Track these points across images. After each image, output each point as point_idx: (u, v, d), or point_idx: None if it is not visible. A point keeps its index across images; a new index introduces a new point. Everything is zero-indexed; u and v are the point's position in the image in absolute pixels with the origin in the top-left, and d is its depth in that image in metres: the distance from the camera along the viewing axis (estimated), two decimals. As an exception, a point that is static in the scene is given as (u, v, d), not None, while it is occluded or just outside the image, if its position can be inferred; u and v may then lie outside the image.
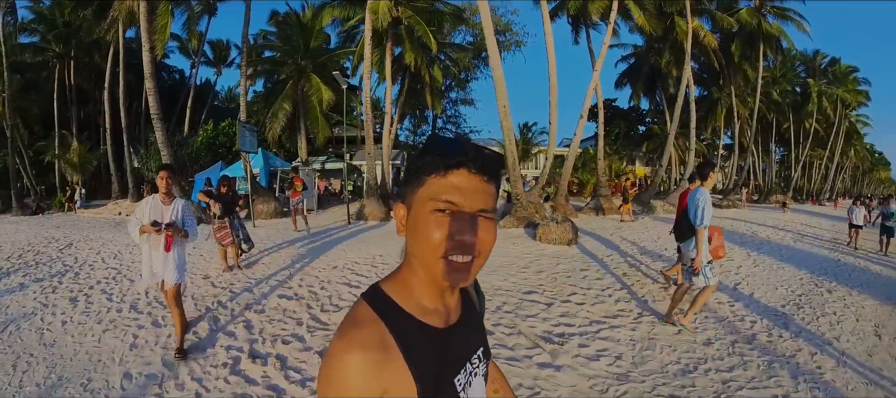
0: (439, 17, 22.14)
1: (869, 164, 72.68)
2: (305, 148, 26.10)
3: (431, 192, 0.75)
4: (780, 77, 38.26)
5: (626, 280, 7.80)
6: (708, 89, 34.87)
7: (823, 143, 45.06)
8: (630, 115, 38.07)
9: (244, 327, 5.23)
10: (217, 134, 26.46)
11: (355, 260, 8.81)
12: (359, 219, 15.73)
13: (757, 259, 10.73)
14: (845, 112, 44.30)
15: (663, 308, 6.44)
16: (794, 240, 14.08)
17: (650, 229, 14.31)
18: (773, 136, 42.51)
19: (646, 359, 4.97)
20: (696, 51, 26.39)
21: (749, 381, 4.62)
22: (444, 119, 36.82)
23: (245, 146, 15.61)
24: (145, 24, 15.40)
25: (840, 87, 41.57)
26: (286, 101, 24.50)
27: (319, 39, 26.01)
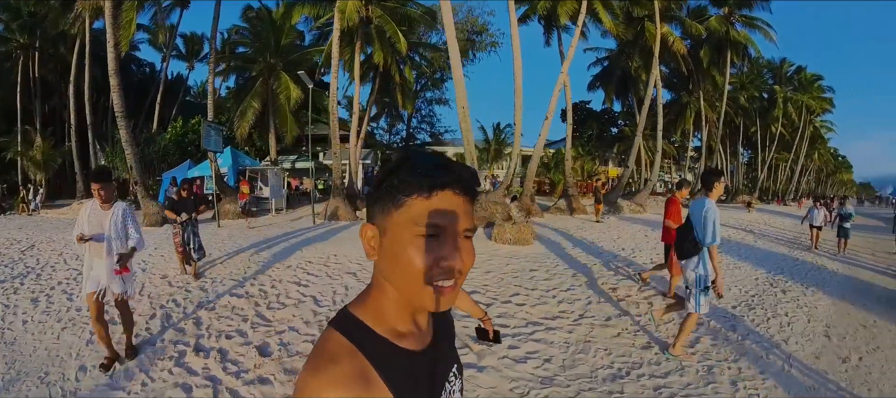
0: (411, 18, 21.61)
1: (832, 166, 75.48)
2: (275, 146, 25.31)
3: (413, 215, 0.69)
4: (748, 83, 39.33)
5: (575, 281, 7.42)
6: (678, 93, 35.52)
7: (789, 147, 46.82)
8: (602, 117, 38.11)
9: (194, 323, 5.24)
10: (187, 131, 25.15)
11: (309, 259, 8.51)
12: (331, 219, 15.09)
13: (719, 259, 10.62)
14: (810, 118, 45.92)
15: (609, 310, 6.11)
16: (754, 239, 14.02)
17: (614, 229, 14.09)
18: (740, 139, 43.59)
19: (576, 362, 4.63)
20: (666, 56, 26.57)
21: (683, 388, 4.27)
22: (418, 119, 36.23)
23: (210, 145, 14.92)
24: (110, 19, 14.59)
25: (805, 93, 43.26)
26: (256, 99, 23.73)
27: (291, 37, 25.25)
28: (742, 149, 47.90)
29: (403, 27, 20.57)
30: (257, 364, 4.25)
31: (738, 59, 30.29)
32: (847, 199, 14.15)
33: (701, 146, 37.07)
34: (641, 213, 20.09)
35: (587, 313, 5.99)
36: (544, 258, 8.93)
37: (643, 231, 13.79)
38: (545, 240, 11.20)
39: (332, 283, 6.89)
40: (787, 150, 47.22)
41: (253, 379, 4.02)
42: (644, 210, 21.19)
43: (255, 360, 4.31)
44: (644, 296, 6.75)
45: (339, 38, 17.05)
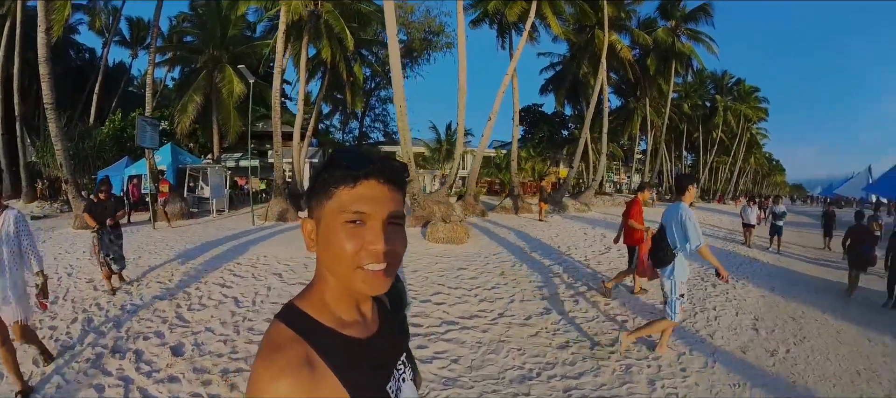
0: (363, 15, 20.75)
1: (767, 169, 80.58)
2: (218, 143, 23.62)
3: (341, 204, 0.73)
4: (692, 92, 41.59)
5: (502, 279, 7.00)
6: (626, 99, 36.28)
7: (728, 151, 49.85)
8: (554, 120, 38.29)
9: (114, 326, 5.01)
10: (126, 125, 22.73)
11: (239, 261, 7.97)
12: (280, 220, 14.10)
13: None
14: (747, 125, 48.93)
15: (531, 308, 5.69)
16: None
17: (556, 227, 13.89)
18: (684, 143, 45.80)
19: (485, 363, 4.27)
20: (614, 63, 26.97)
21: (596, 389, 3.96)
22: (371, 117, 35.04)
23: (145, 142, 13.66)
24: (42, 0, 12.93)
25: (744, 103, 46.08)
26: (198, 93, 22.08)
27: (239, 27, 23.65)
28: (685, 152, 50.72)
29: (354, 23, 19.82)
30: (169, 363, 4.12)
31: (682, 69, 31.45)
32: (780, 199, 14.49)
33: (647, 149, 38.03)
34: (586, 212, 20.09)
35: (507, 312, 5.58)
36: (476, 257, 8.52)
37: (583, 229, 13.67)
38: (483, 239, 10.84)
39: (255, 285, 6.45)
40: (726, 153, 50.37)
41: (163, 378, 3.90)
42: (589, 209, 21.24)
43: (168, 360, 4.17)
44: (570, 294, 6.45)
45: (284, 33, 16.13)
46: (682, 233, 3.99)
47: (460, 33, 15.38)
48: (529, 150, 32.43)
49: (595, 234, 12.34)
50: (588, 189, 24.72)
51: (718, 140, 45.52)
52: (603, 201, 26.23)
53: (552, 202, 19.40)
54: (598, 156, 25.38)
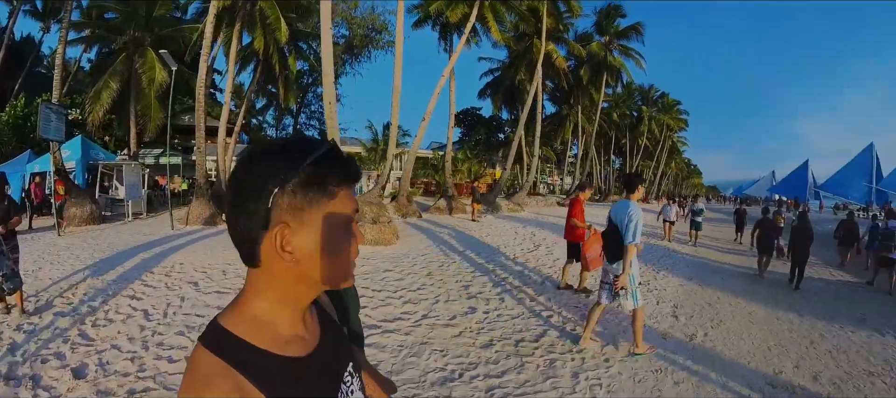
0: (302, 6, 19.56)
1: (686, 172, 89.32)
2: (136, 137, 20.96)
3: (345, 203, 0.69)
4: (621, 103, 44.54)
5: (429, 279, 6.75)
6: (560, 106, 37.71)
7: (652, 156, 53.92)
8: (491, 124, 38.72)
9: (8, 350, 4.36)
10: (30, 112, 19.56)
11: (152, 269, 7.12)
12: (207, 223, 12.78)
13: None
14: (669, 134, 53.68)
15: (455, 308, 5.47)
16: None
17: (488, 226, 13.89)
18: (612, 148, 48.90)
19: (406, 366, 4.04)
20: (550, 72, 28.05)
21: (519, 386, 3.84)
22: (307, 114, 33.40)
23: (49, 133, 11.63)
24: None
25: (667, 114, 50.49)
26: (115, 78, 19.14)
27: (166, 8, 21.09)
28: (614, 156, 54.28)
29: (293, 14, 18.72)
30: (70, 388, 3.67)
31: (612, 81, 33.48)
32: (698, 198, 15.46)
33: (578, 153, 39.51)
34: (519, 212, 20.25)
35: (431, 313, 5.34)
36: (403, 258, 8.21)
37: (514, 228, 13.74)
38: (413, 240, 10.52)
39: (168, 295, 5.75)
40: (650, 158, 54.35)
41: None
42: (522, 209, 21.45)
43: (69, 384, 3.71)
44: (497, 291, 6.29)
45: (215, 16, 14.64)
46: (626, 228, 4.10)
47: (399, 32, 15.01)
48: (466, 152, 32.60)
49: (525, 233, 12.41)
50: (521, 190, 25.12)
51: (643, 146, 48.89)
52: (536, 201, 26.75)
53: (485, 202, 19.44)
54: (531, 158, 25.90)
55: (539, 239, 11.58)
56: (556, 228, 14.06)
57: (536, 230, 13.20)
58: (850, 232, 10.86)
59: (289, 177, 0.63)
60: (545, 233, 12.75)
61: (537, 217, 17.90)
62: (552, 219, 16.83)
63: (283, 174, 0.63)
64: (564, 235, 6.88)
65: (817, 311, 6.71)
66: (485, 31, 20.47)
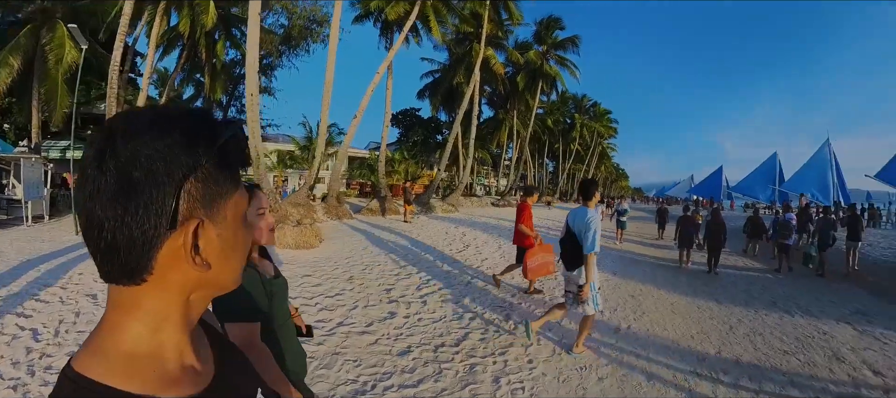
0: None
1: (614, 176, 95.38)
2: (38, 125, 17.62)
3: (243, 194, 0.57)
4: (556, 110, 46.60)
5: (349, 284, 6.33)
6: (497, 110, 38.46)
7: (583, 160, 57.37)
8: (429, 125, 38.17)
9: None
10: None
11: (48, 283, 6.02)
12: None
13: (507, 250, 10.41)
14: (600, 140, 57.51)
15: (374, 314, 5.13)
16: (547, 229, 14.83)
17: (420, 228, 13.65)
18: (546, 152, 50.85)
19: (316, 379, 3.65)
20: (488, 76, 28.51)
21: (436, 395, 3.55)
22: (237, 107, 30.95)
23: None
24: None
25: (598, 122, 53.89)
26: (16, 54, 16.05)
27: None
28: (548, 160, 56.81)
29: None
30: None
31: (547, 88, 34.62)
32: (624, 199, 16.19)
33: (513, 156, 40.40)
34: (453, 213, 20.09)
35: (347, 320, 4.94)
36: (325, 262, 7.70)
37: (445, 229, 13.55)
38: (339, 243, 9.99)
39: (62, 310, 4.95)
40: (581, 162, 57.83)
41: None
42: (456, 210, 21.32)
43: None
44: (420, 294, 6.02)
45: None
46: (584, 237, 4.03)
47: (334, 24, 14.48)
48: (404, 153, 32.13)
49: (456, 233, 12.28)
50: (455, 191, 25.09)
51: (575, 151, 51.65)
52: (471, 202, 26.92)
53: (419, 203, 19.15)
54: (467, 159, 25.99)
55: (469, 239, 11.48)
56: (487, 228, 14.14)
57: (467, 230, 13.12)
58: (756, 226, 12.66)
59: (199, 160, 0.49)
60: (476, 233, 12.71)
61: (470, 217, 17.88)
62: (484, 220, 16.91)
63: (193, 156, 0.48)
64: (513, 241, 6.84)
65: (734, 298, 7.29)
66: (426, 31, 20.31)
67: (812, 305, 7.23)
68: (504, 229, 14.11)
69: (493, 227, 14.33)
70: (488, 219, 17.48)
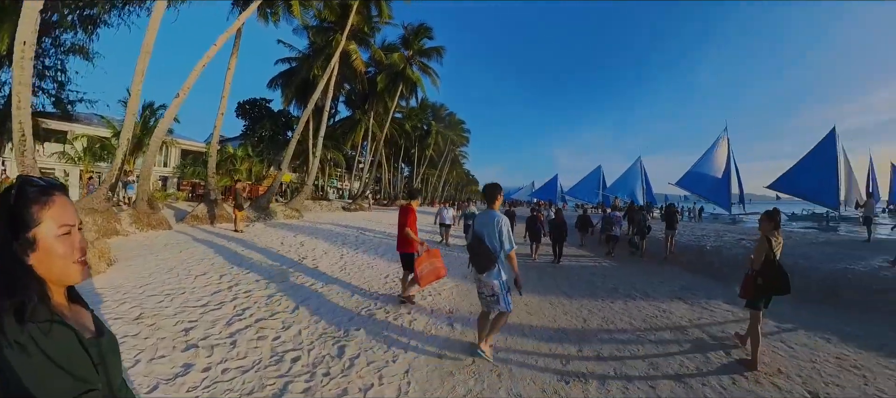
0: None
1: (466, 181, 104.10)
2: None
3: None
4: (415, 116, 47.91)
5: (134, 327, 4.77)
6: (354, 110, 37.26)
7: (436, 165, 60.60)
8: (280, 119, 34.49)
9: None
10: None
11: None
12: None
13: (350, 259, 9.60)
14: (453, 147, 61.40)
15: (163, 370, 3.92)
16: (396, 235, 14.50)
17: (252, 238, 11.93)
18: (401, 156, 52.10)
19: None
20: (347, 72, 27.23)
21: None
22: (40, 65, 22.03)
23: None
24: None
25: (452, 131, 57.61)
26: None
27: None
28: (403, 164, 58.45)
29: None
30: None
31: (407, 93, 34.65)
32: (472, 202, 16.71)
33: (368, 158, 39.56)
34: (296, 219, 18.37)
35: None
36: (110, 294, 5.71)
37: (282, 237, 12.11)
38: (136, 264, 7.64)
39: None
40: (435, 167, 60.61)
41: None
42: (301, 215, 19.53)
43: None
44: (230, 333, 4.78)
45: None
46: (500, 238, 4.12)
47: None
48: (248, 149, 28.42)
49: (293, 244, 11.00)
50: (299, 194, 23.04)
51: (429, 156, 53.08)
52: (321, 207, 25.18)
53: (257, 209, 17.05)
54: (315, 158, 24.15)
55: (307, 249, 10.31)
56: (331, 236, 13.05)
57: (308, 239, 11.88)
58: (585, 222, 15.81)
59: None
60: (317, 242, 11.57)
61: (316, 224, 16.47)
62: (330, 226, 15.67)
63: None
64: (397, 247, 6.47)
65: (581, 290, 7.83)
66: (286, 8, 18.39)
67: (647, 287, 8.32)
68: (350, 237, 13.19)
69: (338, 235, 13.29)
70: (336, 225, 16.32)
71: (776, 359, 4.72)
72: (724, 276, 9.51)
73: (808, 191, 22.73)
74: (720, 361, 4.61)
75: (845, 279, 7.73)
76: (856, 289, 7.34)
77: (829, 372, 4.38)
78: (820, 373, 4.33)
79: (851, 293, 7.27)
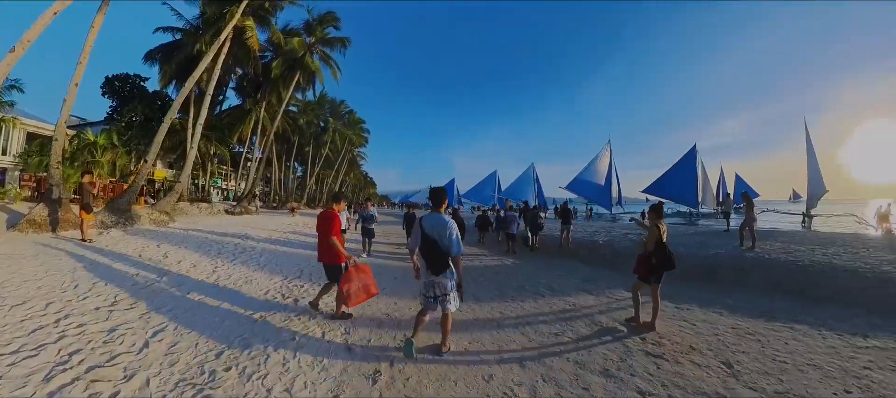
0: None
1: (364, 183, 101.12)
2: None
3: None
4: (311, 110, 44.67)
5: None
6: (245, 98, 33.13)
7: (332, 165, 56.82)
8: (155, 102, 28.65)
9: None
10: None
11: None
12: None
13: (225, 273, 8.05)
14: (351, 147, 57.87)
15: None
16: (284, 242, 12.81)
17: (105, 248, 9.66)
18: (294, 154, 47.77)
19: None
20: (240, 52, 23.68)
21: None
22: None
23: None
24: None
25: (351, 130, 54.01)
26: None
27: None
28: (296, 164, 54.86)
29: None
30: None
31: (304, 83, 31.05)
32: (370, 203, 16.01)
33: (256, 155, 34.55)
34: (167, 225, 15.23)
35: None
36: None
37: (143, 248, 9.89)
38: None
39: None
40: (331, 167, 56.99)
41: None
42: (172, 219, 16.33)
43: None
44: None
45: None
46: (449, 241, 4.12)
47: None
48: (113, 137, 23.42)
49: (154, 257, 8.93)
50: (170, 193, 19.22)
51: (325, 155, 49.99)
52: (199, 210, 21.75)
53: (114, 211, 13.99)
54: (192, 150, 20.27)
55: (172, 262, 8.45)
56: (204, 245, 11.00)
57: (174, 250, 9.84)
58: (484, 221, 16.44)
59: None
60: (186, 252, 9.68)
61: (188, 230, 13.85)
62: (206, 235, 13.21)
63: None
64: (320, 257, 5.51)
65: (489, 293, 7.45)
66: None
67: (553, 283, 8.36)
68: (227, 246, 11.21)
69: (214, 244, 11.22)
70: (213, 232, 13.79)
71: (685, 337, 5.09)
72: (619, 266, 10.16)
73: (673, 193, 26.29)
74: (639, 348, 4.70)
75: (718, 262, 9.18)
76: (728, 269, 8.74)
77: (731, 341, 4.94)
78: (724, 344, 4.85)
79: (726, 273, 8.65)
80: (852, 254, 8.63)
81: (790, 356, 4.46)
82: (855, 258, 8.26)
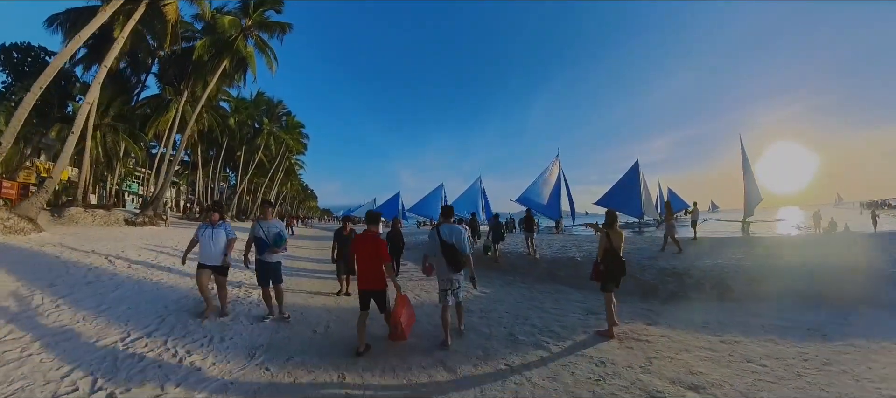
0: None
1: (303, 195, 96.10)
2: None
3: None
4: (244, 109, 41.08)
5: None
6: (165, 87, 28.89)
7: (267, 173, 52.03)
8: (59, 81, 24.22)
9: None
10: None
11: None
12: None
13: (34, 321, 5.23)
14: (288, 154, 53.56)
15: None
16: (167, 269, 9.44)
17: None
18: (222, 157, 42.65)
19: None
20: (159, 26, 20.60)
21: None
22: None
23: None
24: None
25: (288, 134, 49.73)
26: None
27: None
28: (229, 171, 50.88)
29: None
30: None
31: (232, 70, 26.89)
32: (310, 221, 14.87)
33: (178, 154, 28.92)
34: (26, 236, 11.36)
35: None
36: None
37: None
38: None
39: None
40: (265, 175, 52.23)
41: None
42: (36, 230, 12.02)
43: None
44: None
45: None
46: (465, 245, 5.22)
47: None
48: (2, 121, 19.83)
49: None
50: (37, 192, 14.96)
51: (258, 161, 46.53)
52: (91, 217, 17.42)
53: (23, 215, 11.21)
54: (106, 149, 17.66)
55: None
56: (42, 272, 7.36)
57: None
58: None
59: None
60: (7, 277, 6.76)
61: (42, 246, 9.92)
62: (62, 250, 9.65)
63: None
64: (361, 283, 4.91)
65: (470, 357, 4.98)
66: None
67: (551, 321, 6.55)
68: (80, 271, 7.89)
69: (61, 268, 7.90)
70: (78, 249, 10.01)
71: (657, 348, 5.01)
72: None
73: (620, 205, 27.33)
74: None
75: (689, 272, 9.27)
76: (704, 281, 8.75)
77: (698, 353, 4.89)
78: (688, 351, 4.90)
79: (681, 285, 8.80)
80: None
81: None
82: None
